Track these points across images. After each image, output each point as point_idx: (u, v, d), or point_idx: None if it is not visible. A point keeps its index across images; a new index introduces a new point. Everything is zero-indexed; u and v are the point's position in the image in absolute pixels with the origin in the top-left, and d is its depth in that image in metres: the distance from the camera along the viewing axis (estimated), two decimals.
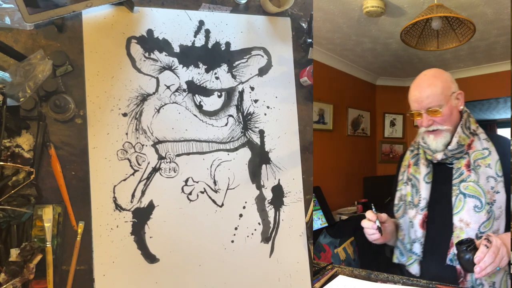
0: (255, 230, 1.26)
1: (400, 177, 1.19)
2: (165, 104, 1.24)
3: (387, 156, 3.19)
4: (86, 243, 1.12)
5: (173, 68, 1.26)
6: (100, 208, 1.14)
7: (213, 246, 1.21)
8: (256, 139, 1.31)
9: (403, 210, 1.14)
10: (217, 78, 1.30)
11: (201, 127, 1.26)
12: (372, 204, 1.09)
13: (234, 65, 1.32)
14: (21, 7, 1.02)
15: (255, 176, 1.28)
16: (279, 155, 1.31)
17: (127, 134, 1.19)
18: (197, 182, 1.23)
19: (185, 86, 1.26)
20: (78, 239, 1.11)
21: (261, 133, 1.31)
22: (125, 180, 1.17)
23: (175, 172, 1.21)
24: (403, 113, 3.22)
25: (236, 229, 1.24)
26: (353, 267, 1.29)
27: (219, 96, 1.29)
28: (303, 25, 1.40)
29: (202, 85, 1.28)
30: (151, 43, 1.25)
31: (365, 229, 1.05)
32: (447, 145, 1.04)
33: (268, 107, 1.33)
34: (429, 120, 1.03)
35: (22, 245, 1.02)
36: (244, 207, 1.26)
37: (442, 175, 1.07)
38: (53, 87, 1.11)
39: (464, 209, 0.99)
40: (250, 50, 1.34)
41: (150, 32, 1.25)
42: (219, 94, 1.29)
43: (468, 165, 1.02)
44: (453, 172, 1.04)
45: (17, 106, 1.08)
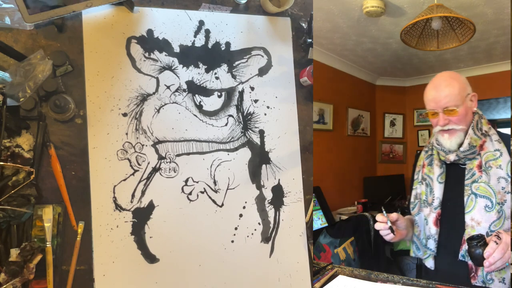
0: (255, 230, 1.26)
1: (415, 177, 1.23)
2: (165, 104, 1.24)
3: (387, 156, 3.18)
4: (86, 243, 1.12)
5: (173, 68, 1.26)
6: (100, 208, 1.14)
7: (213, 246, 1.21)
8: (256, 139, 1.31)
9: (418, 207, 1.18)
10: (217, 78, 1.30)
11: (201, 127, 1.26)
12: (382, 207, 1.14)
13: (234, 65, 1.32)
14: (21, 7, 1.02)
15: (255, 176, 1.28)
16: (279, 155, 1.31)
17: (127, 134, 1.19)
18: (197, 182, 1.23)
19: (185, 86, 1.26)
20: (78, 239, 1.11)
21: (261, 133, 1.31)
22: (125, 180, 1.17)
23: (175, 172, 1.21)
24: (403, 113, 3.23)
25: (236, 229, 1.24)
26: (353, 267, 1.29)
27: (219, 96, 1.29)
28: (303, 25, 1.40)
29: (202, 85, 1.28)
30: (151, 43, 1.25)
31: (380, 231, 1.10)
32: (460, 145, 1.07)
33: (268, 107, 1.33)
34: (445, 120, 1.06)
35: (22, 245, 1.02)
36: (244, 207, 1.26)
37: (455, 176, 1.11)
38: (53, 87, 1.11)
39: (476, 209, 1.03)
40: (250, 50, 1.34)
41: (150, 32, 1.25)
42: (219, 94, 1.29)
43: (480, 166, 1.06)
44: (466, 172, 1.08)
45: (17, 106, 1.08)
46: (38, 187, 1.09)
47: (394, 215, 1.09)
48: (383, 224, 1.08)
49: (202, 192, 1.23)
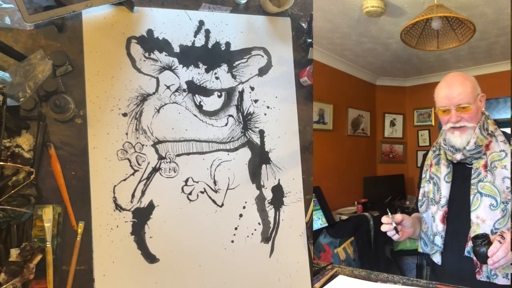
0: (255, 230, 1.26)
1: (423, 175, 1.26)
2: (165, 104, 1.24)
3: (387, 156, 3.18)
4: (86, 243, 1.12)
5: (173, 68, 1.26)
6: (100, 208, 1.14)
7: (213, 246, 1.21)
8: (256, 139, 1.31)
9: (426, 205, 1.21)
10: (217, 78, 1.30)
11: (201, 127, 1.26)
12: (388, 209, 1.17)
13: (234, 65, 1.32)
14: (21, 7, 1.02)
15: (255, 176, 1.28)
16: (279, 155, 1.31)
17: (127, 134, 1.19)
18: (197, 182, 1.23)
19: (185, 86, 1.26)
20: (78, 239, 1.11)
21: (261, 133, 1.31)
22: (125, 180, 1.17)
23: (175, 172, 1.21)
24: (403, 113, 3.23)
25: (236, 229, 1.24)
26: (353, 267, 1.30)
27: (219, 96, 1.29)
28: (303, 25, 1.40)
29: (202, 85, 1.28)
30: (151, 43, 1.25)
31: (386, 232, 1.13)
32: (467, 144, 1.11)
33: (268, 107, 1.33)
34: (457, 117, 1.08)
35: (22, 245, 1.02)
36: (244, 207, 1.26)
37: (461, 175, 1.14)
38: (53, 87, 1.11)
39: (481, 207, 1.06)
40: (250, 50, 1.34)
41: (150, 32, 1.25)
42: (219, 94, 1.29)
43: (486, 165, 1.08)
44: (472, 172, 1.11)
45: (17, 106, 1.08)
46: (38, 187, 1.09)
47: (399, 216, 1.13)
48: (388, 225, 1.11)
49: (202, 192, 1.23)
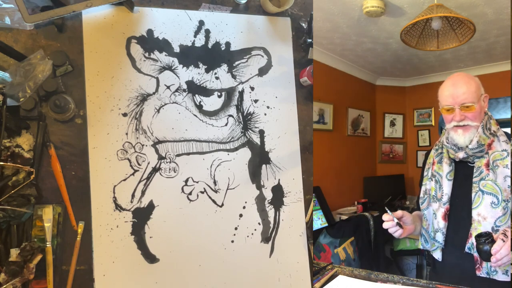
0: (255, 230, 1.26)
1: (425, 173, 1.27)
2: (165, 104, 1.24)
3: (387, 156, 3.18)
4: (86, 243, 1.12)
5: (173, 68, 1.26)
6: (100, 208, 1.14)
7: (213, 246, 1.21)
8: (256, 139, 1.31)
9: (427, 202, 1.22)
10: (217, 78, 1.30)
11: (201, 127, 1.26)
12: (386, 207, 1.18)
13: (234, 65, 1.32)
14: (21, 7, 1.02)
15: (255, 176, 1.28)
16: (279, 155, 1.31)
17: (127, 134, 1.19)
18: (197, 182, 1.23)
19: (185, 86, 1.26)
20: (78, 239, 1.11)
21: (261, 133, 1.31)
22: (125, 180, 1.17)
23: (175, 172, 1.21)
24: (403, 113, 3.22)
25: (236, 229, 1.24)
26: (353, 267, 1.30)
27: (219, 96, 1.29)
28: (303, 25, 1.40)
29: (202, 85, 1.28)
30: (151, 43, 1.25)
31: (388, 229, 1.14)
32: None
33: (268, 107, 1.33)
34: (461, 115, 1.10)
35: (22, 245, 1.02)
36: (244, 207, 1.26)
37: (463, 173, 1.15)
38: (53, 87, 1.11)
39: (482, 205, 1.08)
40: (250, 50, 1.34)
41: (150, 32, 1.25)
42: (219, 94, 1.29)
43: (488, 164, 1.10)
44: (474, 170, 1.12)
45: (17, 106, 1.08)
46: (38, 187, 1.09)
47: (399, 212, 1.14)
48: (390, 222, 1.12)
49: (202, 192, 1.23)
